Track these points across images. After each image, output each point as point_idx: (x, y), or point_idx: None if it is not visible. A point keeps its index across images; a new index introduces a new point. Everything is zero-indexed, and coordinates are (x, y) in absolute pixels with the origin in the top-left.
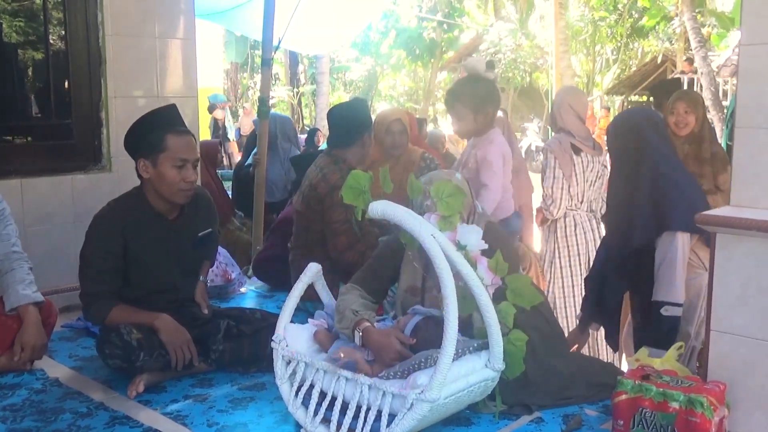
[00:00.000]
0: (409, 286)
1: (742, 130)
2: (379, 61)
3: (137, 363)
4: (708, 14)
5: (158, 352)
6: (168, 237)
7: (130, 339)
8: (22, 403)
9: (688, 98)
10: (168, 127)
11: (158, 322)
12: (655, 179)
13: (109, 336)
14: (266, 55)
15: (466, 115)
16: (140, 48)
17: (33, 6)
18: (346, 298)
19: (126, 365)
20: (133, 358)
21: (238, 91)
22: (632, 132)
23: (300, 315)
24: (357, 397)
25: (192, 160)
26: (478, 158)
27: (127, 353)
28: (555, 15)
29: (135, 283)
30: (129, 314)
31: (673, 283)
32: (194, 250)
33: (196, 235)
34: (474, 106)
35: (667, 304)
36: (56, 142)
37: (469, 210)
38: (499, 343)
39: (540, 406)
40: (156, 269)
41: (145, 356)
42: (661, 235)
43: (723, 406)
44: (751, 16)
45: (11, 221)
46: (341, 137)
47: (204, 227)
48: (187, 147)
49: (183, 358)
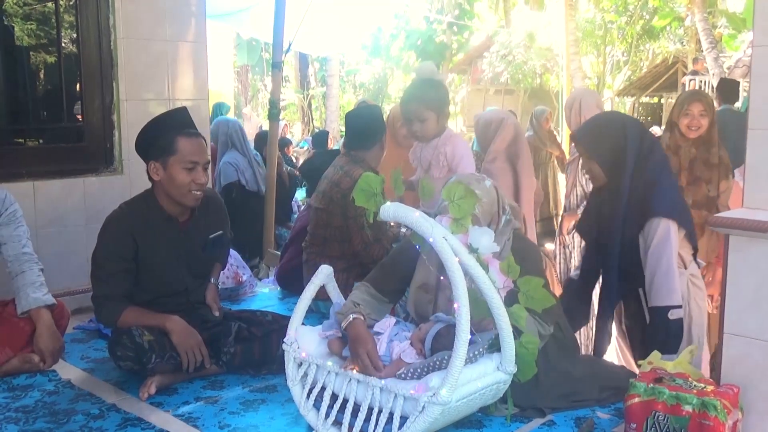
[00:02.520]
0: (422, 283)
1: (755, 131)
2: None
3: (149, 365)
4: (719, 15)
5: (169, 354)
6: (178, 239)
7: (141, 341)
8: (35, 404)
9: (705, 100)
10: (178, 129)
11: (169, 324)
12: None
13: (120, 338)
14: (276, 57)
15: (429, 117)
16: (152, 51)
17: (45, 9)
18: (354, 294)
19: (137, 367)
20: (145, 360)
21: (249, 93)
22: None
23: (312, 317)
24: (369, 400)
25: (202, 163)
26: (448, 155)
27: (138, 355)
28: (565, 17)
29: (146, 286)
30: (140, 316)
31: (673, 286)
32: (205, 253)
33: (207, 237)
34: (437, 108)
35: (671, 308)
36: (68, 144)
37: (491, 218)
38: (511, 346)
39: (552, 409)
40: (166, 272)
41: (157, 358)
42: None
43: (736, 410)
44: (763, 17)
45: (23, 223)
46: (361, 140)
47: (215, 230)
48: (198, 149)
49: (194, 360)
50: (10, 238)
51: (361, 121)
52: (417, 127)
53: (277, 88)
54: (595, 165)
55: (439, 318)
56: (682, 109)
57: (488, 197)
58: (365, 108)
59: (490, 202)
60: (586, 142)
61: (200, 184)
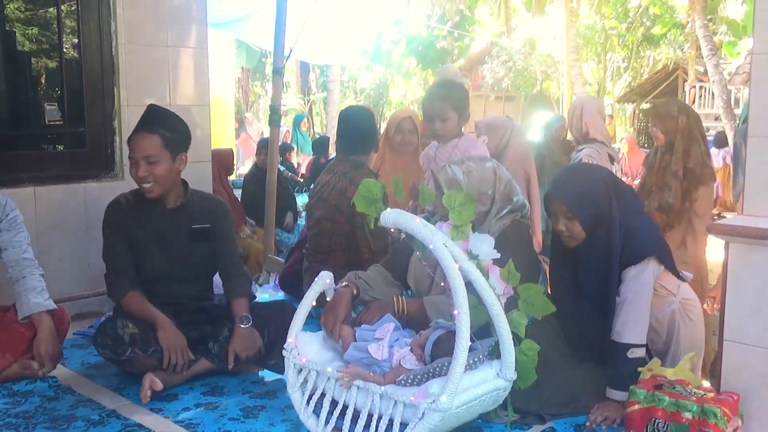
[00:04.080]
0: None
1: (755, 139)
2: (390, 70)
3: (122, 357)
4: (720, 22)
5: (154, 348)
6: (163, 222)
7: (123, 333)
8: (35, 410)
9: (654, 112)
10: (138, 126)
11: (160, 320)
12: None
13: (105, 326)
14: (278, 63)
15: (451, 116)
16: (153, 57)
17: (47, 15)
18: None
19: (114, 357)
20: (120, 351)
21: (250, 99)
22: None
23: (312, 323)
24: (368, 406)
25: (141, 157)
26: None
27: (116, 345)
28: (566, 23)
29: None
30: (142, 303)
31: (641, 324)
32: (191, 241)
33: (191, 226)
34: (459, 108)
35: (633, 346)
36: (69, 150)
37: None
38: (511, 352)
39: (552, 416)
40: (149, 254)
41: (133, 353)
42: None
43: (736, 417)
44: (763, 25)
45: (23, 229)
46: (358, 144)
47: (203, 223)
48: (135, 145)
49: (176, 360)
50: (11, 243)
51: (356, 123)
52: (438, 125)
53: (278, 94)
54: (576, 225)
55: (439, 324)
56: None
57: (479, 173)
58: (358, 110)
59: (479, 178)
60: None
61: (139, 177)
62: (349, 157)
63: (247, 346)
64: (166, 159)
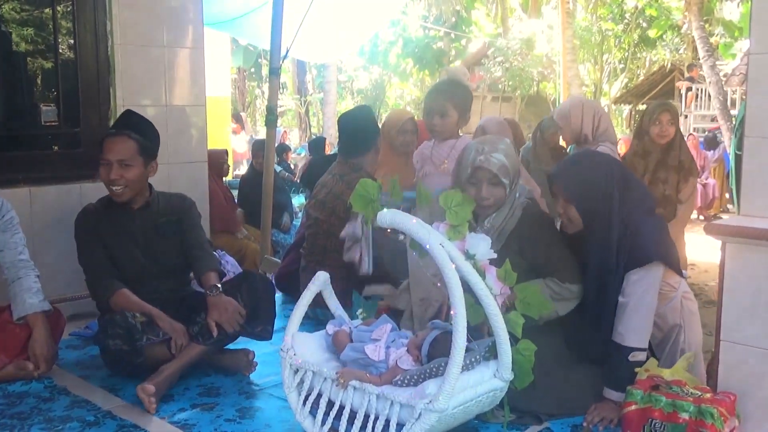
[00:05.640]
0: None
1: (752, 139)
2: (387, 70)
3: (138, 344)
4: (716, 23)
5: (162, 333)
6: (131, 223)
7: (134, 322)
8: (30, 411)
9: (672, 110)
10: (113, 130)
11: (155, 312)
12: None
13: (113, 317)
14: (274, 64)
15: (451, 114)
16: (149, 57)
17: (42, 15)
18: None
19: (126, 347)
20: (137, 337)
21: (246, 99)
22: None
23: (308, 324)
24: (365, 407)
25: (114, 160)
26: None
27: (130, 333)
28: (562, 25)
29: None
30: (131, 300)
31: (645, 329)
32: (160, 237)
33: (158, 220)
34: (461, 108)
35: (635, 350)
36: (65, 150)
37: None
38: (507, 353)
39: (549, 416)
40: (123, 254)
41: (149, 337)
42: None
43: (733, 417)
44: (759, 26)
45: (19, 230)
46: (356, 145)
47: (169, 217)
48: (108, 148)
49: (182, 342)
50: (7, 245)
51: (355, 125)
52: (437, 120)
53: (274, 95)
54: (572, 209)
55: (436, 325)
56: (651, 118)
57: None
58: (358, 111)
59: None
60: (565, 184)
61: (110, 180)
62: (349, 160)
63: (222, 312)
64: (139, 165)
